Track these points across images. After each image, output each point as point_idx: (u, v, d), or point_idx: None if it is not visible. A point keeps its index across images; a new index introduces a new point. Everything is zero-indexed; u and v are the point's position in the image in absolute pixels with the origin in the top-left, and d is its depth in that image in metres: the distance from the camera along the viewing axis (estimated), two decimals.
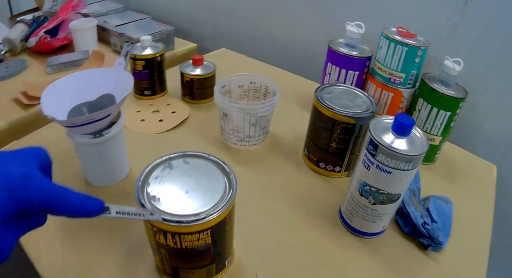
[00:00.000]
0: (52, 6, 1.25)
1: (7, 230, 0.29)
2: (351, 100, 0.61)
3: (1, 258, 0.29)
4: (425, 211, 0.56)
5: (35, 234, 0.53)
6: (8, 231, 0.29)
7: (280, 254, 0.53)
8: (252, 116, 0.68)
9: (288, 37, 1.06)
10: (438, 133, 0.65)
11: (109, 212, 0.35)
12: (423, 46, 0.64)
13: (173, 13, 1.41)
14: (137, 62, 0.85)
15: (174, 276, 0.47)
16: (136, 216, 0.36)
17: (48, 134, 0.77)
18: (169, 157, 0.46)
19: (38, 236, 0.56)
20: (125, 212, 0.36)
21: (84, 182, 0.66)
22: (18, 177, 0.29)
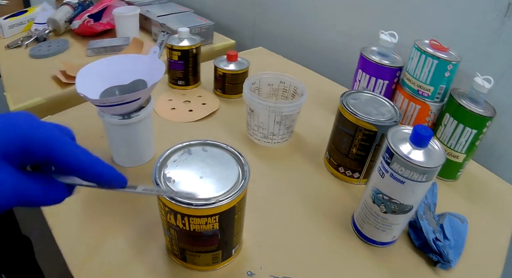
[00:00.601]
0: None
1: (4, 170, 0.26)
2: (376, 108, 0.61)
3: None
4: (439, 227, 0.56)
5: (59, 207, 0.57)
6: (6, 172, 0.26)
7: (288, 251, 0.54)
8: (277, 114, 0.69)
9: (324, 41, 1.06)
10: (462, 151, 0.64)
11: (135, 187, 0.34)
12: (454, 61, 0.64)
13: (215, 8, 1.44)
14: (173, 52, 0.88)
15: (182, 258, 0.49)
16: (160, 193, 0.40)
17: (81, 112, 0.81)
18: (189, 143, 0.48)
19: (59, 205, 0.59)
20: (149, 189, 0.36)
21: (110, 160, 0.69)
22: (21, 116, 0.27)
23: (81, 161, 0.29)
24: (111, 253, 0.52)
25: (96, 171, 0.30)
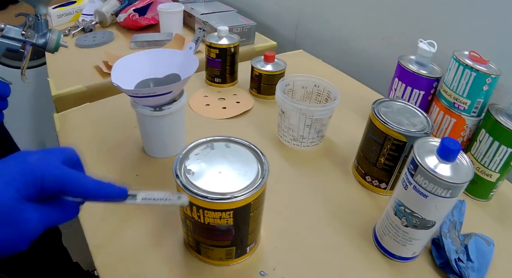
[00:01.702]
0: None
1: (30, 208, 0.31)
2: (408, 118, 0.59)
3: (27, 234, 0.31)
4: (463, 247, 0.53)
5: None
6: (31, 208, 0.32)
7: (303, 255, 0.54)
8: (307, 117, 0.68)
9: (364, 47, 1.05)
10: (496, 170, 0.61)
11: (135, 199, 0.37)
12: (494, 75, 0.61)
13: (259, 9, 1.45)
14: (211, 50, 0.90)
15: (196, 250, 0.50)
16: (162, 201, 0.39)
17: (118, 102, 0.85)
18: (213, 138, 0.49)
19: None
20: (151, 198, 0.38)
21: (141, 150, 0.72)
22: (34, 161, 0.32)
23: (89, 189, 0.35)
24: (129, 239, 0.54)
25: (101, 194, 0.36)
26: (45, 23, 0.64)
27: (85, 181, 0.35)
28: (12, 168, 0.31)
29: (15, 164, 0.32)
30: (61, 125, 0.78)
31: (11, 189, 0.30)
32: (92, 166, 0.68)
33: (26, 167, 0.32)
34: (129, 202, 0.37)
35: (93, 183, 0.35)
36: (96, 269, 0.50)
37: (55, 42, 0.64)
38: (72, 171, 0.34)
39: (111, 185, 0.36)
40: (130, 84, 0.63)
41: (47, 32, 0.63)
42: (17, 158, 0.32)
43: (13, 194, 0.30)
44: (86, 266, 1.24)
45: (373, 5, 0.98)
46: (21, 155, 0.33)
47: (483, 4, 0.72)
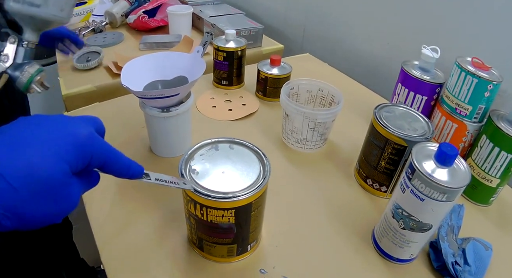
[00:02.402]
0: None
1: (75, 182, 0.32)
2: (409, 123, 0.60)
3: (69, 207, 0.31)
4: (460, 251, 0.54)
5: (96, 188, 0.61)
6: (76, 183, 0.32)
7: (303, 255, 0.55)
8: (311, 121, 0.70)
9: (370, 52, 1.06)
10: (497, 175, 0.62)
11: (149, 178, 0.39)
12: (495, 81, 0.61)
13: (267, 12, 1.47)
14: (218, 53, 0.92)
15: (199, 247, 0.51)
16: (171, 184, 0.41)
17: (126, 103, 0.87)
18: (217, 140, 0.50)
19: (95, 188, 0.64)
20: (162, 179, 0.40)
21: (148, 149, 0.73)
22: (86, 135, 0.32)
23: (122, 168, 0.36)
24: (135, 235, 0.56)
25: (129, 173, 0.36)
26: (28, 52, 0.54)
27: (121, 159, 0.35)
28: (62, 139, 0.30)
29: (65, 135, 0.31)
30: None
31: (64, 163, 0.30)
32: None
33: (78, 142, 0.31)
34: (145, 180, 0.38)
35: (127, 162, 0.36)
36: (102, 263, 0.52)
37: (25, 81, 0.52)
38: (113, 149, 0.35)
39: (136, 164, 0.37)
40: (139, 85, 0.65)
41: (25, 64, 0.53)
42: (64, 128, 0.31)
43: (65, 168, 0.30)
44: (91, 263, 1.26)
45: (379, 11, 0.99)
46: (65, 123, 0.32)
47: (486, 11, 0.73)
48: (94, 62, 1.01)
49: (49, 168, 0.29)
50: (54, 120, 0.32)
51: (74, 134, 0.31)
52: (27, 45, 0.52)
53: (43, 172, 0.29)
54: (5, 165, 0.28)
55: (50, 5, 0.50)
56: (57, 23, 0.53)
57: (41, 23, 0.52)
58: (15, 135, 0.30)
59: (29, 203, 0.29)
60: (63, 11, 0.52)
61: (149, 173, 0.39)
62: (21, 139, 0.29)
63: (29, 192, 0.28)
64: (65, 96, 0.91)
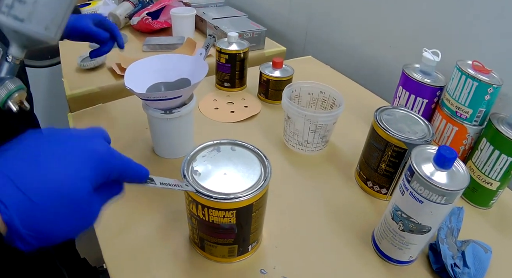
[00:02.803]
0: None
1: (96, 198, 0.32)
2: (409, 125, 0.61)
3: (90, 224, 0.32)
4: (460, 253, 0.55)
5: None
6: (97, 198, 0.33)
7: (303, 255, 0.56)
8: (312, 123, 0.70)
9: (372, 55, 1.06)
10: (497, 178, 0.62)
11: (154, 182, 0.40)
12: (496, 84, 0.62)
13: (270, 14, 1.47)
14: (221, 55, 0.93)
15: (201, 247, 0.52)
16: (175, 187, 0.41)
17: (130, 104, 0.88)
18: (219, 141, 0.51)
19: None
20: (166, 183, 0.41)
21: (151, 150, 0.74)
22: (105, 151, 0.33)
23: (134, 175, 0.36)
24: (137, 235, 0.57)
25: (139, 178, 0.37)
26: (11, 68, 0.51)
27: (133, 166, 0.36)
28: (83, 157, 0.31)
29: (85, 153, 0.31)
30: (74, 124, 0.81)
31: (87, 181, 0.30)
32: None
33: (98, 159, 0.32)
34: (150, 185, 0.39)
35: (137, 167, 0.36)
36: (104, 263, 0.52)
37: (2, 96, 0.48)
38: (125, 158, 0.35)
39: (142, 167, 0.37)
40: (142, 87, 0.66)
41: (6, 79, 0.49)
42: (83, 145, 0.32)
43: (88, 187, 0.30)
44: (93, 262, 1.27)
45: (381, 14, 1.00)
46: (82, 139, 0.33)
47: (487, 15, 0.74)
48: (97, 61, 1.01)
49: (72, 187, 0.29)
50: (70, 136, 0.32)
51: (93, 151, 0.32)
52: (11, 60, 0.50)
53: (67, 191, 0.29)
54: (28, 183, 0.28)
55: (34, 21, 0.48)
56: (43, 42, 0.51)
57: (25, 39, 0.50)
58: (33, 152, 0.29)
59: (52, 221, 0.29)
60: (48, 29, 0.50)
61: (153, 177, 0.40)
62: (41, 156, 0.29)
63: (53, 211, 0.29)
64: (69, 97, 0.92)
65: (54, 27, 0.51)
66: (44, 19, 0.49)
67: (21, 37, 0.49)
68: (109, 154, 0.33)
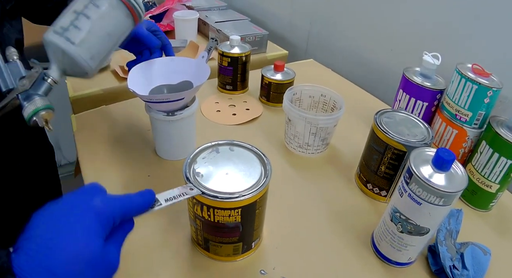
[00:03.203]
0: None
1: (110, 246, 0.35)
2: (409, 128, 0.61)
3: (113, 270, 0.36)
4: (459, 255, 0.55)
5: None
6: (111, 245, 0.36)
7: (303, 256, 0.56)
8: (312, 126, 0.71)
9: (374, 58, 1.07)
10: (496, 181, 0.62)
11: (160, 203, 0.41)
12: (495, 88, 0.62)
13: (272, 18, 1.48)
14: (223, 58, 0.93)
15: (205, 248, 0.53)
16: (180, 197, 0.42)
17: (133, 106, 0.89)
18: (217, 142, 0.52)
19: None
20: (171, 197, 0.42)
21: (153, 152, 0.75)
22: (101, 205, 0.35)
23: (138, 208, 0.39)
24: (139, 236, 0.57)
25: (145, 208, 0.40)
26: (46, 88, 0.51)
27: (136, 202, 0.38)
28: (84, 216, 0.34)
29: (84, 212, 0.34)
30: (78, 126, 0.82)
31: (97, 238, 0.34)
32: (107, 166, 0.71)
33: (98, 213, 0.34)
34: (156, 208, 0.40)
35: (139, 201, 0.39)
36: None
37: (30, 111, 0.48)
38: (126, 198, 0.38)
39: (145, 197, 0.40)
40: (145, 90, 0.67)
41: (36, 96, 0.49)
42: (80, 205, 0.35)
43: (99, 243, 0.34)
44: None
45: (382, 18, 1.00)
46: (80, 201, 0.35)
47: (488, 17, 0.74)
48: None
49: (86, 251, 0.33)
50: (68, 207, 0.35)
51: (92, 210, 0.35)
52: (47, 80, 0.51)
53: (82, 255, 0.32)
54: (49, 263, 0.31)
55: (84, 48, 0.51)
56: (83, 70, 0.53)
57: (69, 63, 0.51)
58: (44, 236, 0.32)
59: None
60: (93, 60, 0.52)
61: (157, 196, 0.41)
62: (53, 238, 0.32)
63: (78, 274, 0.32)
64: (72, 98, 0.93)
65: (97, 59, 0.54)
66: (92, 49, 0.52)
67: (66, 59, 0.51)
68: (106, 204, 0.36)
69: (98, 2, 0.52)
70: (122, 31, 0.57)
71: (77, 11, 0.51)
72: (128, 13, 0.56)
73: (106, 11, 0.53)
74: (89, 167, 0.71)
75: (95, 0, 0.52)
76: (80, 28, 0.50)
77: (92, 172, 0.70)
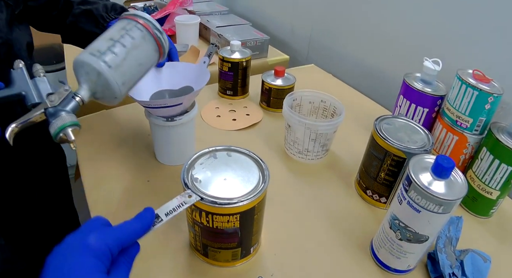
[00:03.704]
0: None
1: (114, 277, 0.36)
2: (409, 135, 0.61)
3: None
4: (458, 262, 0.55)
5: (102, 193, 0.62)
6: (115, 275, 0.36)
7: (301, 263, 0.56)
8: (312, 132, 0.71)
9: (374, 64, 1.07)
10: (497, 188, 0.62)
11: (161, 219, 0.41)
12: (496, 94, 0.62)
13: (273, 23, 1.48)
14: (224, 63, 0.94)
15: (203, 253, 0.53)
16: (180, 208, 0.42)
17: (133, 111, 0.89)
18: (215, 148, 0.52)
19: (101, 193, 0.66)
20: (171, 209, 0.42)
21: (153, 156, 0.75)
22: (95, 240, 0.36)
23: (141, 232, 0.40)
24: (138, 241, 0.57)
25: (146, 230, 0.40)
26: (74, 106, 0.52)
27: (134, 228, 0.39)
28: (82, 258, 0.35)
29: (81, 254, 0.35)
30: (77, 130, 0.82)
31: (99, 274, 0.34)
32: (107, 170, 0.71)
33: (93, 250, 0.35)
34: (158, 225, 0.41)
35: (137, 226, 0.39)
36: None
37: (55, 129, 0.49)
38: (125, 226, 0.39)
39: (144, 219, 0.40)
40: (147, 94, 0.67)
41: (63, 112, 0.50)
42: (78, 247, 0.35)
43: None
44: None
45: (383, 23, 1.00)
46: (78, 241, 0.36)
47: (488, 24, 0.74)
48: None
49: None
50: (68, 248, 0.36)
51: (88, 249, 0.35)
52: (75, 98, 0.52)
53: None
54: None
55: (119, 72, 0.52)
56: (113, 94, 0.53)
57: (101, 85, 0.52)
58: None
59: None
60: (124, 85, 0.53)
61: (157, 212, 0.41)
62: None
63: None
64: None
65: (127, 86, 0.55)
66: (125, 76, 0.53)
67: (100, 81, 0.51)
68: (100, 240, 0.36)
69: (133, 34, 0.54)
70: (150, 63, 0.58)
71: (113, 39, 0.53)
72: (157, 48, 0.57)
73: (139, 43, 0.55)
74: (89, 171, 0.71)
75: (130, 32, 0.54)
76: (116, 54, 0.52)
77: (91, 176, 0.70)
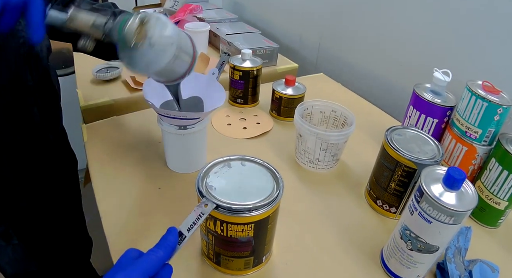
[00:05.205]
0: (173, 5, 1.42)
1: None
2: (419, 145, 0.62)
3: None
4: (467, 272, 0.55)
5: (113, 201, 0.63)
6: None
7: (312, 272, 0.57)
8: (323, 142, 0.72)
9: (384, 74, 1.07)
10: (505, 198, 0.62)
11: (184, 236, 0.42)
12: (505, 105, 0.63)
13: (283, 31, 1.49)
14: (235, 72, 0.95)
15: (216, 262, 0.53)
16: (199, 220, 0.43)
17: (143, 118, 0.90)
18: (229, 158, 0.53)
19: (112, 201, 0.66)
20: (191, 223, 0.43)
21: (164, 164, 0.76)
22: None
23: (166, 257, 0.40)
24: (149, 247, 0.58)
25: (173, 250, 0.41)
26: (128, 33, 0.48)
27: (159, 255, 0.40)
28: None
29: None
30: (88, 135, 0.83)
31: None
32: (117, 177, 0.72)
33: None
34: (183, 243, 0.42)
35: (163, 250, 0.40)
36: None
37: (119, 23, 0.46)
38: (146, 256, 0.39)
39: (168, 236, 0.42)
40: (157, 102, 0.68)
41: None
42: None
43: None
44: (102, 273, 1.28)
45: (393, 33, 1.01)
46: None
47: (498, 35, 0.75)
48: (113, 74, 1.04)
49: None
50: None
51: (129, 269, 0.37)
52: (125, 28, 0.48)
53: None
54: None
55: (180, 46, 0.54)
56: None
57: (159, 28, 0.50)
58: None
59: None
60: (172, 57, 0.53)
61: (180, 229, 0.42)
62: None
63: None
64: (83, 108, 0.94)
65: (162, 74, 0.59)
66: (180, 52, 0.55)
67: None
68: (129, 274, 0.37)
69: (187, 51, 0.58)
70: (179, 75, 0.60)
71: None
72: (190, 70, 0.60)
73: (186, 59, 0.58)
74: (99, 178, 0.72)
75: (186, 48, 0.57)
76: None
77: (102, 183, 0.71)
